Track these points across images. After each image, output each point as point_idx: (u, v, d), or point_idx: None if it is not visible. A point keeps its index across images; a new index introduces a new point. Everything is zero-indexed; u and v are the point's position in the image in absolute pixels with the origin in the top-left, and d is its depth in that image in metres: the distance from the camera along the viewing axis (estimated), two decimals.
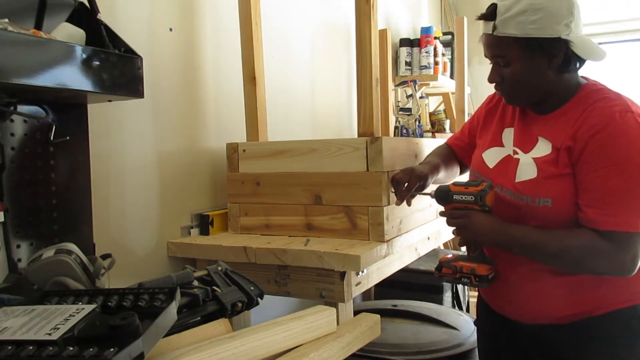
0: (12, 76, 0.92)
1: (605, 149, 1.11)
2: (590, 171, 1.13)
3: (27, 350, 0.69)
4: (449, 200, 1.30)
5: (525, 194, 1.21)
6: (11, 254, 1.13)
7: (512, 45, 1.17)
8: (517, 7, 1.14)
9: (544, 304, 1.25)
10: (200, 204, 1.72)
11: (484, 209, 1.25)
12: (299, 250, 1.39)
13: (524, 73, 1.20)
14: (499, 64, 1.22)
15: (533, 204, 1.19)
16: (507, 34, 1.16)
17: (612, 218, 1.10)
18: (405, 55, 3.17)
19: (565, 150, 1.17)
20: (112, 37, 1.17)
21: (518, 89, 1.24)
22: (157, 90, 1.55)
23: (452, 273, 1.31)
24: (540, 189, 1.19)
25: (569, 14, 1.15)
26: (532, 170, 1.21)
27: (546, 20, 1.13)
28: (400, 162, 1.56)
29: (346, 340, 1.04)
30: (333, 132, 2.50)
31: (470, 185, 1.27)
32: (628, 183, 1.10)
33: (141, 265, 1.50)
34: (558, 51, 1.16)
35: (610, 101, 1.16)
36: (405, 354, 1.78)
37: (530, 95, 1.24)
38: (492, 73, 1.25)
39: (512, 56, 1.19)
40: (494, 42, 1.20)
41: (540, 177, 1.20)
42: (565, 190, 1.16)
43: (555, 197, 1.17)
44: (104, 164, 1.39)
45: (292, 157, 1.57)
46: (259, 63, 1.72)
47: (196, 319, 0.95)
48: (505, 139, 1.33)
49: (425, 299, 2.34)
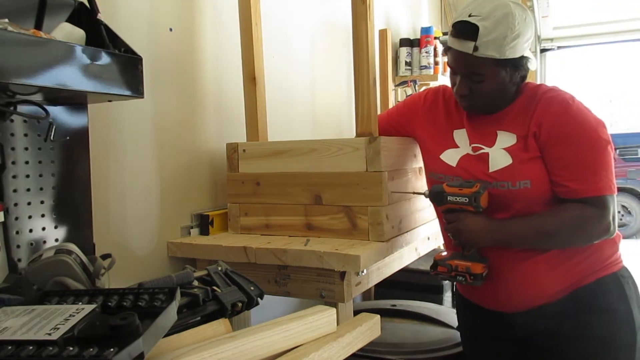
0: (12, 76, 0.92)
1: (570, 129, 1.27)
2: (561, 150, 1.28)
3: (27, 350, 0.69)
4: (443, 201, 1.33)
5: (505, 179, 1.31)
6: (11, 254, 1.13)
7: (490, 65, 1.28)
8: (497, 31, 1.24)
9: (529, 288, 1.34)
10: (200, 204, 1.72)
11: (477, 210, 1.29)
12: (299, 250, 1.39)
13: (493, 88, 1.32)
14: (472, 79, 1.31)
15: (514, 188, 1.30)
16: (488, 55, 1.25)
17: (591, 185, 1.26)
18: (405, 55, 3.17)
19: (532, 137, 1.30)
20: (112, 37, 1.17)
21: (485, 101, 1.35)
22: (157, 90, 1.55)
23: (447, 271, 1.36)
24: (519, 172, 1.30)
25: (532, 34, 1.31)
26: (506, 158, 1.32)
27: (519, 44, 1.27)
28: (400, 161, 1.56)
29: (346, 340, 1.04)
30: (333, 132, 2.50)
31: (464, 186, 1.30)
32: (593, 154, 1.26)
33: (141, 265, 1.50)
34: (522, 67, 1.32)
35: (557, 92, 1.34)
36: (404, 354, 1.78)
37: (492, 105, 1.37)
38: (462, 86, 1.34)
39: (488, 75, 1.29)
40: (471, 60, 1.28)
41: (516, 163, 1.31)
42: (540, 171, 1.30)
43: (533, 178, 1.29)
44: (104, 164, 1.39)
45: (292, 157, 1.57)
46: (258, 63, 1.72)
47: (196, 319, 0.95)
48: (458, 140, 1.42)
49: (425, 299, 2.35)
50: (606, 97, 9.69)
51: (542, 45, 4.16)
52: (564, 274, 1.33)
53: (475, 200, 1.27)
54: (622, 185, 7.20)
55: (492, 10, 1.24)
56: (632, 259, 1.40)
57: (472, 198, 1.27)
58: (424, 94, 1.56)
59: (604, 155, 1.27)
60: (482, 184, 1.30)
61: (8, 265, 1.12)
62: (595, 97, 9.10)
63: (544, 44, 4.17)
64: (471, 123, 1.41)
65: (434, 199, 1.36)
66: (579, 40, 4.26)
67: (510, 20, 1.23)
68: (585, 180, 1.26)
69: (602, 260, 1.34)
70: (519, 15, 1.25)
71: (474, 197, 1.27)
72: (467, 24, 1.26)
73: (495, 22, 1.23)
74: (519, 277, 1.35)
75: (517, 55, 1.27)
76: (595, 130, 1.27)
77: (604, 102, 9.27)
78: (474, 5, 1.28)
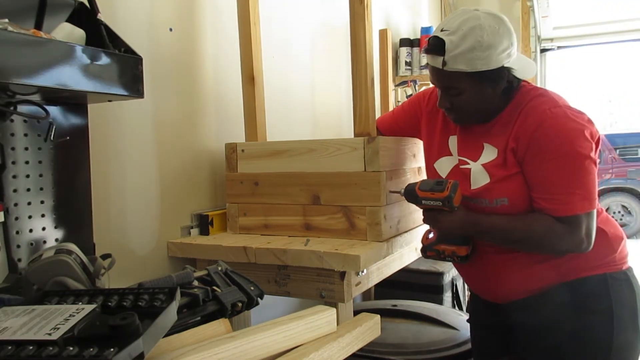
0: (12, 76, 0.92)
1: (543, 146, 1.25)
2: (535, 168, 1.27)
3: (27, 350, 0.69)
4: (418, 203, 1.38)
5: (483, 197, 1.34)
6: (11, 254, 1.13)
7: (462, 78, 1.28)
8: (465, 44, 1.23)
9: (513, 282, 1.38)
10: (200, 204, 1.72)
11: (452, 210, 1.32)
12: (299, 250, 1.39)
13: (472, 101, 1.31)
14: (450, 93, 1.32)
15: (491, 205, 1.33)
16: (457, 69, 1.26)
17: (561, 205, 1.25)
18: (405, 55, 3.17)
19: (510, 152, 1.30)
20: (112, 37, 1.17)
21: (468, 114, 1.35)
22: (157, 90, 1.55)
23: (436, 255, 1.44)
24: (496, 191, 1.32)
25: (509, 44, 1.27)
26: (484, 177, 1.34)
27: (492, 55, 1.25)
28: (398, 161, 1.56)
29: (346, 340, 1.04)
30: (333, 132, 2.50)
31: (435, 190, 1.33)
32: (566, 172, 1.24)
33: (141, 265, 1.50)
34: (502, 78, 1.29)
35: (540, 98, 1.31)
36: (405, 354, 1.78)
37: (478, 117, 1.36)
38: (442, 100, 1.36)
39: (463, 87, 1.29)
40: (444, 75, 1.29)
41: (493, 182, 1.32)
42: (518, 187, 1.30)
43: (510, 196, 1.31)
44: (104, 164, 1.39)
45: (291, 157, 1.57)
46: (257, 63, 1.73)
47: (196, 319, 0.95)
48: (452, 147, 1.44)
49: (425, 299, 2.35)
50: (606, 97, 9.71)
51: (542, 45, 4.16)
52: (550, 269, 1.34)
53: (448, 202, 1.30)
54: (622, 185, 7.21)
55: (461, 24, 1.24)
56: (632, 258, 1.38)
57: (446, 201, 1.30)
58: (428, 93, 1.56)
59: (580, 171, 1.23)
60: (454, 185, 1.31)
61: (8, 265, 1.12)
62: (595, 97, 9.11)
63: (544, 44, 4.17)
64: (462, 131, 1.42)
65: (409, 200, 1.40)
66: (579, 40, 4.26)
67: (478, 32, 1.22)
68: (557, 201, 1.25)
69: (591, 260, 1.32)
70: (489, 26, 1.23)
71: (447, 200, 1.30)
72: (436, 39, 1.26)
73: (462, 35, 1.23)
74: (506, 270, 1.38)
75: (491, 67, 1.25)
76: (572, 145, 1.23)
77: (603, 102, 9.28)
78: (446, 20, 1.29)
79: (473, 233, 1.36)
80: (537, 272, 1.35)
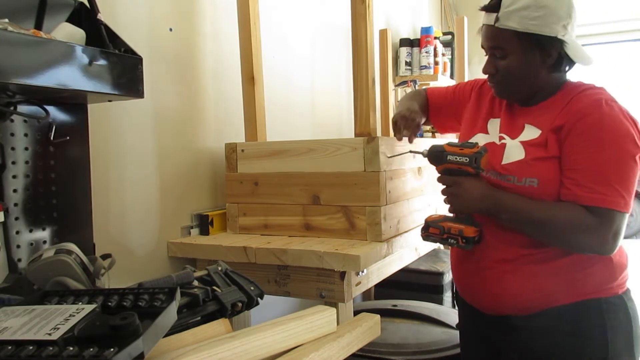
0: (12, 76, 0.93)
1: (594, 131, 1.16)
2: (578, 151, 1.18)
3: (27, 350, 0.69)
4: (442, 160, 1.28)
5: (512, 174, 1.25)
6: (11, 254, 1.13)
7: (512, 38, 1.22)
8: (521, 1, 1.19)
9: (506, 295, 1.29)
10: (200, 204, 1.72)
11: (477, 171, 1.25)
12: (299, 250, 1.39)
13: (518, 67, 1.24)
14: (496, 55, 1.27)
15: (519, 184, 1.23)
16: (508, 26, 1.21)
17: (597, 194, 1.15)
18: (405, 55, 3.17)
19: (553, 132, 1.21)
20: (112, 37, 1.17)
21: (510, 83, 1.28)
22: (157, 90, 1.55)
23: (440, 233, 1.31)
24: (528, 169, 1.23)
25: (568, 16, 1.21)
26: (519, 152, 1.26)
27: (547, 18, 1.18)
28: (398, 161, 1.56)
29: (346, 340, 1.04)
30: (333, 132, 2.50)
31: (465, 146, 1.26)
32: (611, 164, 1.15)
33: (141, 265, 1.50)
34: (553, 50, 1.22)
35: (596, 90, 1.23)
36: (405, 354, 1.78)
37: (520, 90, 1.29)
38: (488, 64, 1.30)
39: (510, 49, 1.23)
40: (494, 33, 1.24)
41: (528, 158, 1.24)
42: (552, 172, 1.21)
43: (541, 178, 1.21)
44: (104, 164, 1.39)
45: (290, 157, 1.57)
46: (257, 63, 1.73)
47: (196, 319, 0.95)
48: (490, 127, 1.37)
49: (425, 299, 2.35)
50: None
51: None
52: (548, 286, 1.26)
53: (476, 161, 1.22)
54: None
55: None
56: (632, 259, 1.37)
57: (473, 159, 1.23)
58: (480, 82, 1.49)
59: (625, 167, 1.15)
60: (483, 147, 1.25)
61: (8, 265, 1.12)
62: None
63: None
64: (507, 113, 1.35)
65: (432, 158, 1.30)
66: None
67: None
68: (592, 189, 1.15)
69: (588, 286, 1.24)
70: None
71: (475, 157, 1.22)
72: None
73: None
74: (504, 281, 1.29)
75: (544, 32, 1.18)
76: (623, 140, 1.15)
77: None
78: None
79: (492, 208, 1.24)
80: (534, 288, 1.26)
